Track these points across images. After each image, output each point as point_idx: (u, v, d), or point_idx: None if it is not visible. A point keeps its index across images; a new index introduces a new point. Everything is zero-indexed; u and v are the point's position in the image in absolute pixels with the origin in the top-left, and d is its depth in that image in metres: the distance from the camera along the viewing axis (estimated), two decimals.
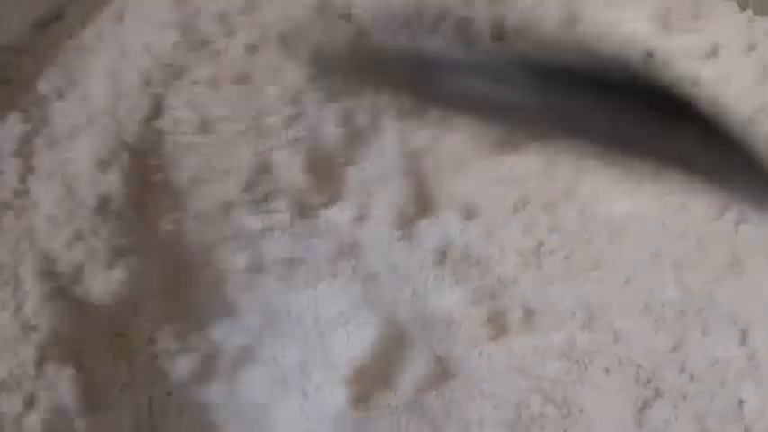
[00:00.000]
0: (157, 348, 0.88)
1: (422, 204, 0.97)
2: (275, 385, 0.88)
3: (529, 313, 0.91)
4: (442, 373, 0.90)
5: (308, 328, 0.91)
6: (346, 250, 0.94)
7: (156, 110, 0.95)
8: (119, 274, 0.86)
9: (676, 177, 0.34)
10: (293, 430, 0.86)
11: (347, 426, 0.86)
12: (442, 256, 0.94)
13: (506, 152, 0.97)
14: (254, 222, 0.93)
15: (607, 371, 0.88)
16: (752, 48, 0.93)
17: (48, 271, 0.86)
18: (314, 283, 0.92)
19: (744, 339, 0.86)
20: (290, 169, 0.93)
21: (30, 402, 0.81)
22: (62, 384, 0.82)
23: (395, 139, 0.98)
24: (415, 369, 0.89)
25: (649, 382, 0.86)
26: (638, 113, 0.34)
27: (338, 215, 0.95)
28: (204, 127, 0.93)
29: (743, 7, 0.96)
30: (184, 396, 0.88)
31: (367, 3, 0.98)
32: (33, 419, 0.80)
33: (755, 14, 0.95)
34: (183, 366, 0.88)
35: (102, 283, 0.86)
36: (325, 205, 0.95)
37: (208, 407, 0.88)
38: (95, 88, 0.96)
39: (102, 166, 0.90)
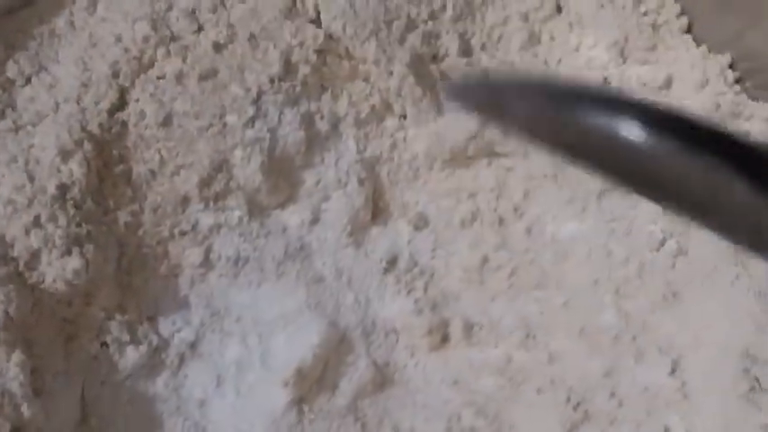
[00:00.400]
0: (107, 338, 0.86)
1: (374, 212, 0.95)
2: (212, 382, 0.87)
3: (468, 328, 0.90)
4: (380, 380, 0.89)
5: (247, 328, 0.89)
6: (294, 253, 0.92)
7: (122, 101, 0.92)
8: (74, 262, 0.84)
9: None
10: (226, 427, 0.85)
11: (280, 427, 0.84)
12: (389, 265, 0.93)
13: (461, 165, 0.95)
14: (207, 218, 0.91)
15: (539, 391, 0.86)
16: (704, 83, 0.91)
17: (3, 255, 0.84)
18: (257, 282, 0.91)
19: (674, 369, 0.84)
20: (248, 168, 0.91)
21: None
22: (10, 369, 0.79)
23: (353, 145, 0.96)
24: (353, 375, 0.88)
25: (579, 404, 0.84)
26: None
27: (290, 217, 0.93)
28: (167, 121, 0.91)
29: (699, 42, 0.94)
30: (131, 387, 0.86)
31: (336, 8, 0.96)
32: None
33: (709, 51, 0.93)
34: (131, 357, 0.86)
35: (57, 271, 0.83)
36: (279, 206, 0.94)
37: (154, 399, 0.86)
38: (63, 76, 0.93)
39: (65, 154, 0.87)
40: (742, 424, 0.79)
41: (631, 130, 0.31)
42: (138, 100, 0.92)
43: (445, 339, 0.90)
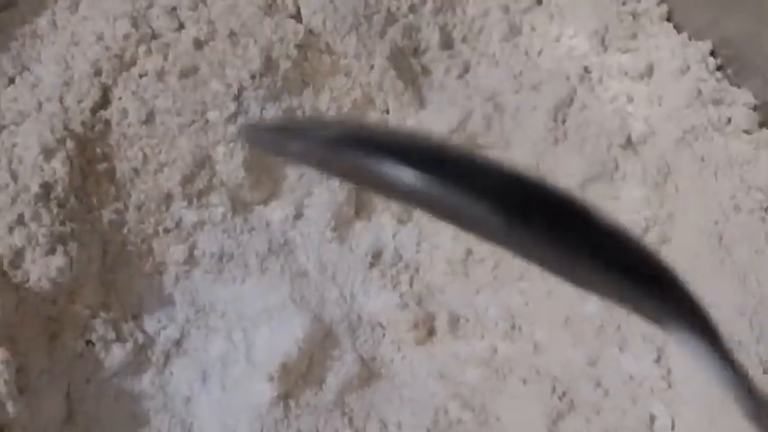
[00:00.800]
0: (92, 336, 0.85)
1: (358, 206, 0.94)
2: (198, 378, 0.86)
3: (454, 321, 0.89)
4: (366, 374, 0.87)
5: (231, 323, 0.87)
6: (277, 248, 0.91)
7: (104, 100, 0.91)
8: (58, 260, 0.83)
9: None
10: (212, 423, 0.83)
11: (266, 422, 0.83)
12: (374, 259, 0.91)
13: None
14: (191, 215, 0.90)
15: (525, 381, 0.85)
16: (685, 70, 0.90)
17: None
18: (241, 278, 0.90)
19: (659, 357, 0.83)
20: (230, 164, 0.90)
21: None
22: None
23: None
24: (339, 370, 0.86)
25: (564, 394, 0.83)
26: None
27: (273, 213, 0.92)
28: (149, 119, 0.90)
29: (679, 30, 0.93)
30: (117, 385, 0.84)
31: (316, 3, 0.95)
32: None
33: (690, 39, 0.92)
34: (116, 355, 0.85)
35: (41, 269, 0.82)
36: (262, 202, 0.92)
37: (140, 396, 0.85)
38: (45, 76, 0.92)
39: (48, 153, 0.86)
40: (726, 410, 0.78)
41: (402, 176, 0.32)
42: (120, 98, 0.91)
43: (431, 333, 0.89)
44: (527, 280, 0.89)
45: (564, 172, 0.90)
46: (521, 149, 0.92)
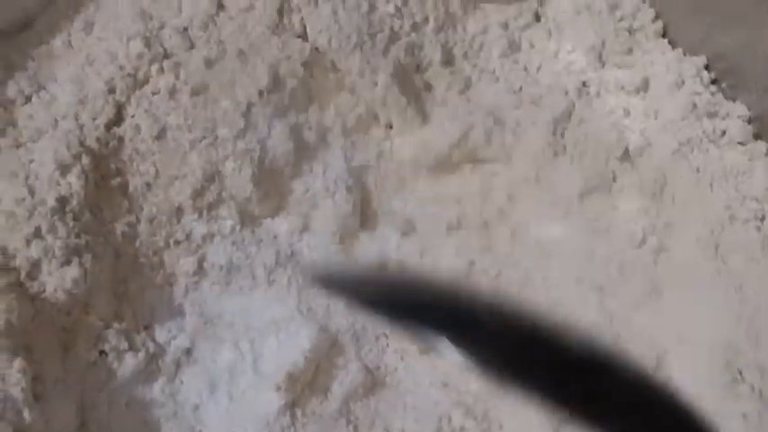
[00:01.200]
0: (105, 346, 0.86)
1: (362, 219, 0.95)
2: (206, 387, 0.86)
3: None
4: (370, 383, 0.87)
5: (239, 334, 0.88)
6: (285, 260, 0.91)
7: (118, 117, 0.92)
8: (73, 272, 0.83)
9: None
10: (220, 431, 0.84)
11: (273, 430, 0.83)
12: (378, 270, 0.92)
13: (446, 172, 0.95)
14: (201, 228, 0.91)
15: None
16: (680, 84, 0.90)
17: (5, 266, 0.84)
18: (249, 289, 0.90)
19: (658, 365, 0.83)
20: (239, 179, 0.91)
21: None
22: (13, 375, 0.79)
23: (340, 154, 0.95)
24: (344, 379, 0.86)
25: None
26: None
27: (280, 225, 0.92)
28: (161, 135, 0.91)
29: (674, 45, 0.94)
30: (129, 393, 0.85)
31: (322, 22, 0.96)
32: None
33: (685, 54, 0.93)
34: (128, 364, 0.85)
35: (57, 281, 0.83)
36: (269, 215, 0.93)
37: (151, 405, 0.85)
38: (61, 94, 0.93)
39: (63, 168, 0.87)
40: (725, 415, 0.77)
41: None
42: (133, 115, 0.92)
43: None
44: (528, 290, 0.89)
45: (563, 184, 0.91)
46: (521, 163, 0.93)
